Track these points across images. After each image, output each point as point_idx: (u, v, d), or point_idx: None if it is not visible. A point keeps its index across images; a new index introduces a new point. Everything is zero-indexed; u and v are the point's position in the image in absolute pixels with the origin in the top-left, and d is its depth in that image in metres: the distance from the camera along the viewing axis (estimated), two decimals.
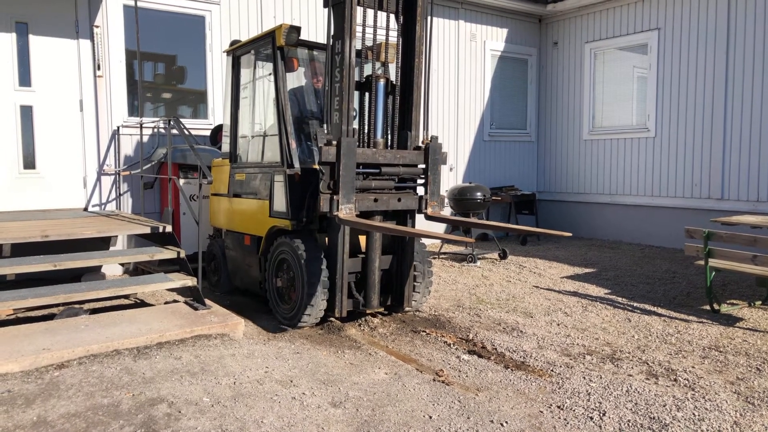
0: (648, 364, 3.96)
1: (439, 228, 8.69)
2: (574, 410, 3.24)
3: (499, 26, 9.90)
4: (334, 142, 4.26)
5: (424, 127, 4.75)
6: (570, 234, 4.21)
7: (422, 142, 4.73)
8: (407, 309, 4.99)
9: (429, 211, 4.68)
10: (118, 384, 3.45)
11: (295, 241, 4.56)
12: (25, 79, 6.26)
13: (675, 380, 3.68)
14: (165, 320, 4.43)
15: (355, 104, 4.59)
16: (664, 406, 3.30)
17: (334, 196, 4.23)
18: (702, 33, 8.20)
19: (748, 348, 4.28)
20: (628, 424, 3.07)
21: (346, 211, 4.26)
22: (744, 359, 4.05)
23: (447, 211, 8.73)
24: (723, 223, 5.59)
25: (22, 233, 4.62)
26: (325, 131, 4.35)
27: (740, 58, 7.81)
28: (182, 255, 4.97)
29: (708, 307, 5.26)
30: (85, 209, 6.59)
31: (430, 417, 3.14)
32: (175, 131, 6.13)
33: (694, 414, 3.20)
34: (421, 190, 4.78)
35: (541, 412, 3.23)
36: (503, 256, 7.85)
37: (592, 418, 3.14)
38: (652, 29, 8.76)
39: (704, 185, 8.26)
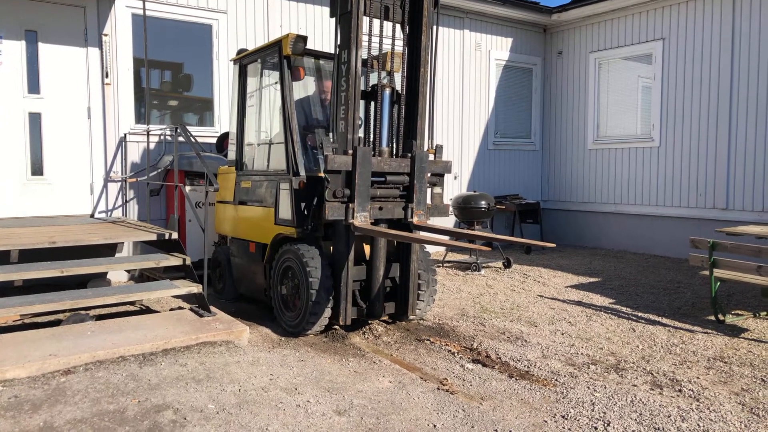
0: (652, 374, 3.96)
1: (446, 236, 8.69)
2: (578, 420, 3.24)
3: (503, 36, 9.95)
4: (350, 151, 4.30)
5: (429, 135, 4.77)
6: (554, 245, 4.23)
7: (428, 151, 4.75)
8: (411, 317, 4.99)
9: (415, 220, 4.64)
10: (124, 390, 3.46)
11: (300, 249, 4.59)
12: (34, 86, 6.32)
13: (680, 391, 3.67)
14: (170, 327, 4.45)
15: (361, 113, 4.62)
16: (668, 416, 3.29)
17: (350, 204, 4.28)
18: (707, 43, 8.22)
19: (753, 359, 4.27)
20: None
21: (361, 219, 4.30)
22: (749, 370, 4.04)
23: (451, 220, 8.75)
24: (728, 233, 5.58)
25: (30, 239, 4.66)
26: (331, 140, 4.38)
27: (745, 68, 7.82)
28: (188, 262, 5.00)
29: (713, 318, 5.25)
30: (92, 216, 6.63)
31: (434, 426, 3.15)
32: (181, 139, 6.17)
33: (698, 425, 3.20)
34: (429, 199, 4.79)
35: (545, 421, 3.23)
36: (507, 264, 7.85)
37: (596, 429, 3.14)
38: (657, 39, 8.79)
39: (709, 195, 8.26)
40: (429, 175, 4.76)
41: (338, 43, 4.46)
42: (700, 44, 8.30)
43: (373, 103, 4.69)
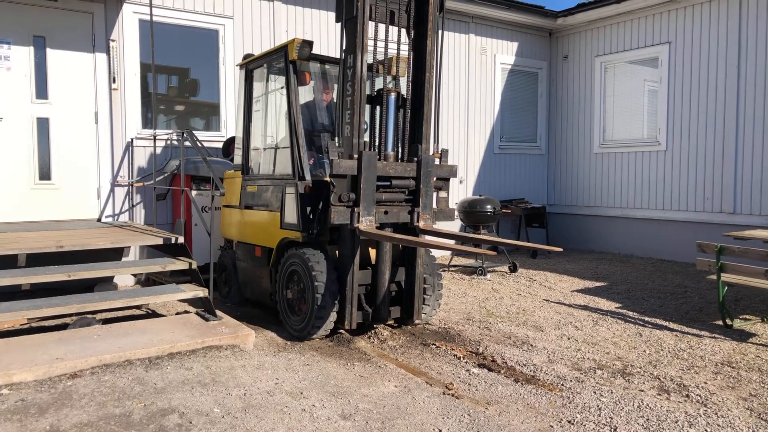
0: (660, 379, 3.93)
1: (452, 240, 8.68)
2: (584, 425, 3.23)
3: (509, 40, 9.95)
4: (356, 156, 4.31)
5: (435, 139, 4.78)
6: (560, 249, 4.20)
7: (434, 155, 4.75)
8: (417, 322, 4.99)
9: (421, 224, 4.64)
10: (130, 394, 3.47)
11: (306, 253, 4.59)
12: (42, 91, 6.37)
13: (687, 396, 3.65)
14: (176, 331, 4.46)
15: (367, 118, 4.63)
16: (676, 422, 3.27)
17: (356, 209, 4.28)
18: (713, 46, 8.19)
19: (761, 364, 4.24)
20: None
21: (366, 223, 4.31)
22: (757, 375, 4.01)
23: (457, 224, 8.74)
24: (735, 237, 5.55)
25: (38, 243, 4.69)
26: (337, 144, 4.39)
27: (752, 71, 7.79)
28: (194, 266, 5.01)
29: (720, 322, 5.22)
30: (99, 220, 6.67)
31: (440, 430, 3.14)
32: (187, 143, 6.19)
33: (706, 430, 3.18)
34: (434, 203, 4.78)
35: (552, 426, 3.21)
36: (513, 269, 7.83)
37: None
38: (663, 43, 8.77)
39: (716, 199, 8.22)
40: (435, 179, 4.76)
41: (344, 47, 4.48)
42: (706, 48, 8.27)
43: (378, 108, 4.70)
